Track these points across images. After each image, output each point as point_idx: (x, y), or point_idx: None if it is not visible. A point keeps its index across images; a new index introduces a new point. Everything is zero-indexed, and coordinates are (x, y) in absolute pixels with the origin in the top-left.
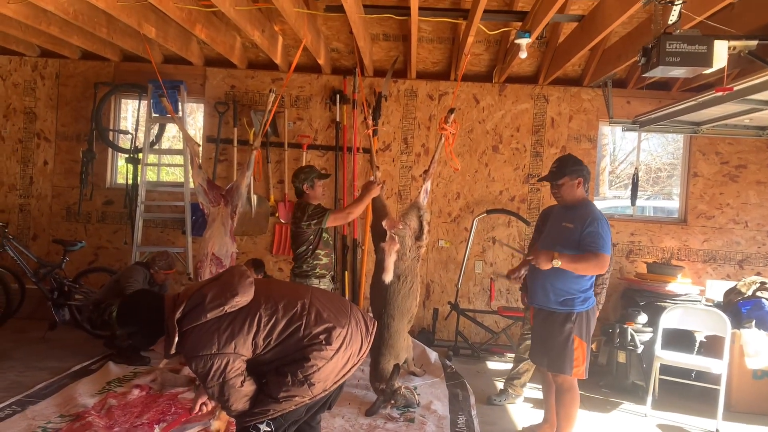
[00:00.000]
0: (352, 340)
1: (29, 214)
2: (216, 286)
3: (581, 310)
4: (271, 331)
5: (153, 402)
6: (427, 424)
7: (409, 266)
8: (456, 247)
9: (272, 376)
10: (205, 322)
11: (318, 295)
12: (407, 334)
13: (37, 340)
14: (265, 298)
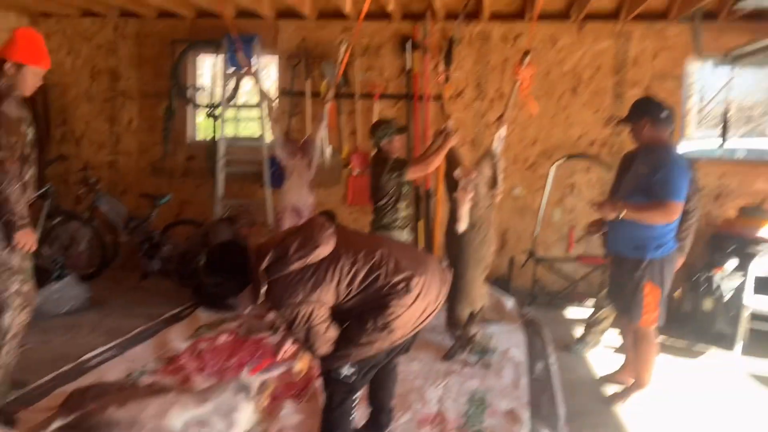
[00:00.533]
0: (429, 288)
1: (118, 170)
2: (298, 239)
3: (655, 256)
4: (353, 280)
5: (240, 346)
6: (504, 370)
7: (484, 215)
8: (532, 195)
9: (354, 322)
10: (289, 272)
11: (395, 245)
12: (483, 283)
13: (132, 288)
14: (345, 248)
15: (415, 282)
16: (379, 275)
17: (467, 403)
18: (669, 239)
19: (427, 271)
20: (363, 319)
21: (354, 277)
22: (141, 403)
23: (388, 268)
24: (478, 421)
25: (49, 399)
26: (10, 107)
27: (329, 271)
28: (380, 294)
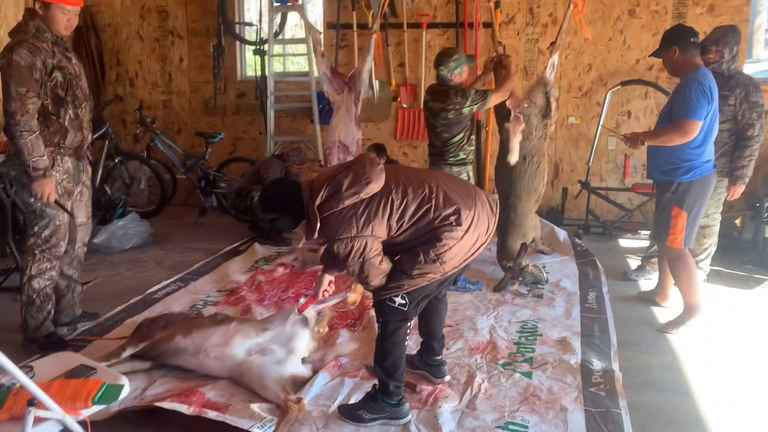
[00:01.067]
0: (479, 220)
1: (172, 109)
2: (350, 174)
3: (684, 180)
4: (403, 213)
5: (296, 278)
6: (556, 300)
7: (536, 145)
8: (587, 123)
9: (406, 255)
10: (342, 208)
11: (443, 178)
12: (535, 214)
13: (191, 224)
14: (395, 182)
15: (465, 215)
16: (430, 208)
17: (518, 332)
18: (701, 163)
19: (477, 204)
20: (415, 251)
21: (405, 210)
22: (205, 333)
23: (437, 202)
24: (529, 349)
25: (120, 329)
26: (21, 55)
27: (381, 206)
28: (431, 227)
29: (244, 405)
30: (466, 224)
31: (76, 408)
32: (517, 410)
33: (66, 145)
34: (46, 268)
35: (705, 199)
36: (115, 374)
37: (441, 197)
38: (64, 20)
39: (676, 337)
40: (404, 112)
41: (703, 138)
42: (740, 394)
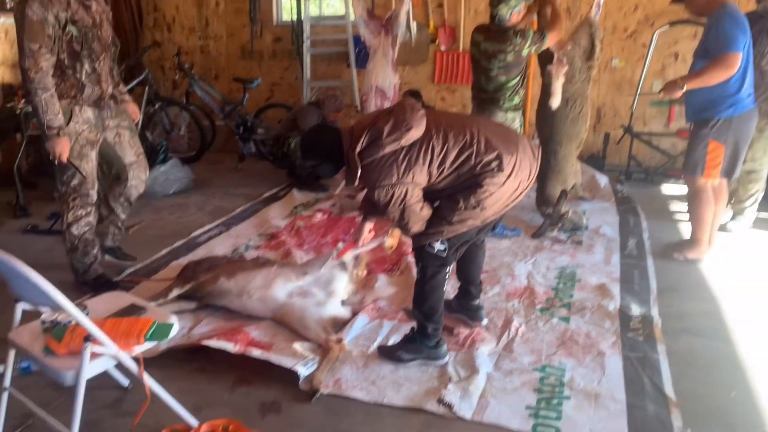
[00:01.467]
0: (521, 166)
1: (209, 55)
2: (390, 121)
3: (724, 116)
4: (444, 159)
5: (334, 224)
6: (595, 247)
7: (579, 89)
8: (632, 66)
9: (446, 201)
10: (383, 155)
11: (485, 124)
12: (575, 160)
13: (231, 170)
14: (436, 128)
15: (507, 160)
16: (471, 154)
17: (557, 278)
18: (741, 99)
19: (518, 150)
20: (455, 198)
21: (446, 156)
22: (248, 275)
23: (479, 147)
24: (568, 294)
25: (166, 271)
26: (33, 9)
27: (421, 153)
28: (473, 173)
29: (287, 344)
30: (507, 170)
31: (129, 344)
32: (555, 354)
33: (84, 98)
34: (81, 215)
35: (746, 135)
36: (165, 313)
37: (482, 143)
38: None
39: (716, 284)
40: (443, 55)
41: (742, 72)
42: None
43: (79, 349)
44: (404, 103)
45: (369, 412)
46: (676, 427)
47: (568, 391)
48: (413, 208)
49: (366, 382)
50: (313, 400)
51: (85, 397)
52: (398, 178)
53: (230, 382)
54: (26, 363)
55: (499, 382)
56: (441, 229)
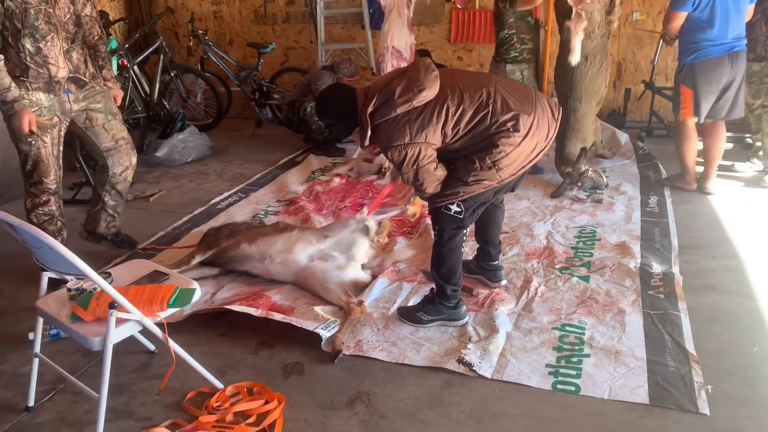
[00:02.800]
0: (539, 126)
1: (222, 20)
2: (403, 81)
3: (686, 61)
4: (459, 119)
5: (352, 188)
6: (616, 205)
7: (598, 44)
8: (653, 19)
9: (461, 162)
10: (396, 115)
11: (502, 83)
12: (595, 117)
13: (248, 136)
14: (451, 88)
15: (524, 120)
16: (486, 114)
17: (576, 237)
18: (704, 47)
19: (536, 109)
20: (471, 158)
21: (461, 117)
22: (269, 240)
23: (495, 107)
24: (587, 254)
25: (188, 238)
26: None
27: (435, 113)
28: (488, 133)
29: (309, 308)
30: (524, 130)
31: (152, 310)
32: (574, 312)
33: (30, 80)
34: (38, 203)
35: (707, 80)
36: (187, 279)
37: (499, 102)
38: None
39: (739, 239)
40: (458, 13)
41: (706, 23)
42: None
43: (105, 315)
44: (418, 64)
45: (390, 372)
46: (696, 382)
47: (588, 349)
48: (427, 168)
49: (387, 343)
50: (336, 360)
51: (112, 361)
52: (411, 138)
53: (253, 346)
54: (55, 330)
55: (519, 341)
56: (457, 190)
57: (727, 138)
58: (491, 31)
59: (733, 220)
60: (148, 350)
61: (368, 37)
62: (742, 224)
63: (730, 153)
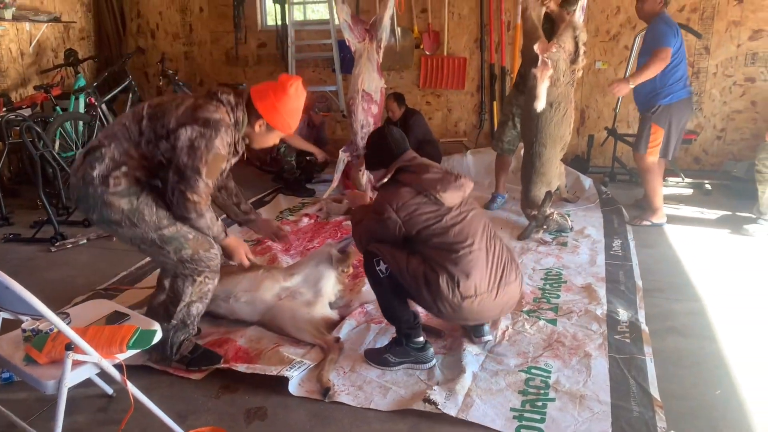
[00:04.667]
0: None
1: (194, 61)
2: (439, 173)
3: (662, 102)
4: (437, 234)
5: (321, 228)
6: (580, 248)
7: (563, 92)
8: (615, 69)
9: (408, 249)
10: (408, 185)
11: (494, 245)
12: (560, 162)
13: None
14: (461, 211)
15: (473, 289)
16: (456, 258)
17: (543, 279)
18: (677, 89)
19: (497, 288)
20: (413, 260)
21: (439, 233)
22: (235, 278)
23: (464, 259)
24: (554, 295)
25: (151, 278)
26: (224, 140)
27: (432, 213)
28: (437, 261)
29: (274, 350)
30: (466, 294)
31: (111, 352)
32: (541, 355)
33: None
34: (208, 291)
35: (680, 120)
36: (148, 320)
37: (470, 257)
38: None
39: (702, 283)
40: (427, 59)
41: (677, 66)
42: (764, 338)
43: (61, 357)
44: (459, 174)
45: (356, 416)
46: (660, 428)
47: (553, 393)
48: (379, 229)
49: (353, 387)
50: (326, 399)
51: (68, 406)
52: (395, 209)
53: (215, 389)
54: (8, 373)
55: (485, 383)
56: (389, 257)
57: (687, 184)
58: (459, 77)
59: (694, 263)
60: (106, 394)
61: (339, 80)
62: (702, 267)
63: (691, 198)
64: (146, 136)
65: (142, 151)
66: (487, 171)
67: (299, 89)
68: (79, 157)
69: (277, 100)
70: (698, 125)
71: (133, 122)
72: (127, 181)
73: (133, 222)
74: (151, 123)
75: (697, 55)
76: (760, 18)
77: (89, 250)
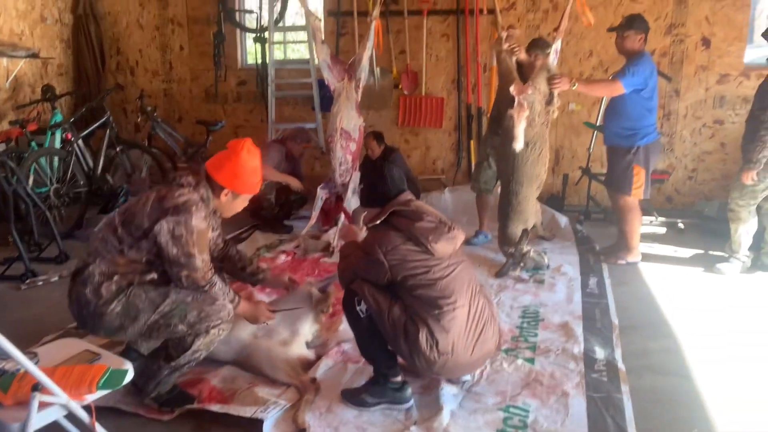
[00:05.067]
0: (454, 364)
1: (173, 98)
2: (433, 222)
3: (640, 144)
4: (422, 285)
5: (298, 266)
6: (557, 286)
7: (538, 132)
8: (588, 110)
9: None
10: (400, 230)
11: (476, 307)
12: (536, 200)
13: None
14: (449, 264)
15: (445, 346)
16: (437, 314)
17: (520, 317)
18: (652, 131)
19: (472, 348)
20: (395, 305)
21: (425, 286)
22: None
23: (445, 316)
24: (532, 334)
25: None
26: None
27: (420, 263)
28: (419, 314)
29: (249, 390)
30: (443, 348)
31: (80, 393)
32: (519, 394)
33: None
34: (215, 339)
35: (654, 160)
36: (120, 359)
37: (453, 314)
38: None
39: (676, 321)
40: (405, 99)
41: (652, 109)
42: (739, 376)
43: (27, 398)
44: (453, 225)
45: None
46: None
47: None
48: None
49: (329, 428)
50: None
51: None
52: (384, 254)
53: (188, 430)
54: None
55: (463, 420)
56: (371, 299)
57: (661, 223)
58: (437, 116)
59: (669, 301)
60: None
61: (318, 117)
62: (677, 305)
63: (664, 237)
64: (126, 242)
65: (128, 257)
66: (465, 208)
67: (251, 149)
68: (69, 281)
69: (233, 166)
70: (670, 165)
71: (110, 234)
72: (118, 287)
73: (133, 317)
74: (125, 229)
75: (668, 98)
76: (726, 63)
77: (61, 287)
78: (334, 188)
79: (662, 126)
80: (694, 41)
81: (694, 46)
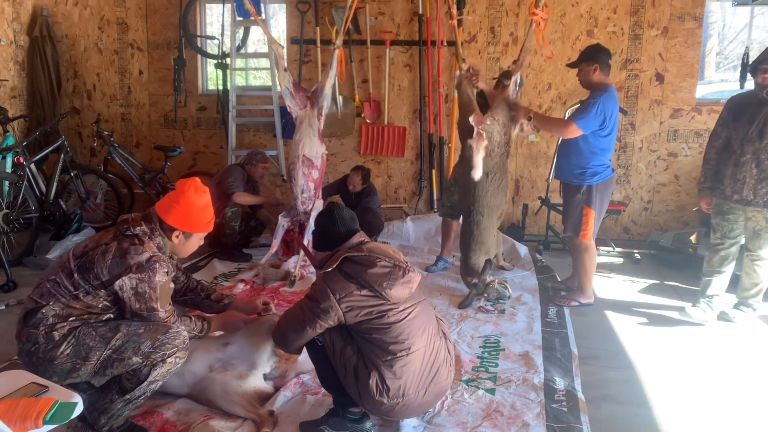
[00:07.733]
0: (405, 407)
1: (131, 122)
2: (387, 267)
3: (591, 183)
4: (376, 329)
5: (257, 295)
6: (517, 315)
7: (497, 163)
8: (547, 142)
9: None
10: (354, 276)
11: (431, 351)
12: (497, 230)
13: None
14: (405, 307)
15: (400, 391)
16: (392, 359)
17: (481, 347)
18: (604, 169)
19: (424, 391)
20: (347, 349)
21: (381, 330)
22: None
23: (396, 361)
24: (493, 364)
25: None
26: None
27: (375, 310)
28: (369, 356)
29: (204, 423)
30: (392, 393)
31: (26, 428)
32: (480, 426)
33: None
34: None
35: (606, 200)
36: (68, 392)
37: (405, 359)
38: None
39: (634, 351)
40: (368, 127)
41: (606, 148)
42: (696, 405)
43: None
44: (409, 270)
45: None
46: None
47: None
48: (310, 323)
49: None
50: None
51: None
52: (338, 300)
53: None
54: None
55: None
56: (326, 333)
57: (618, 253)
58: (399, 146)
59: (627, 331)
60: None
61: (280, 144)
62: (634, 335)
63: (621, 267)
64: (82, 288)
65: (84, 302)
66: (426, 237)
67: (198, 187)
68: (18, 323)
69: (182, 207)
70: (626, 197)
71: (64, 277)
72: (70, 328)
73: (84, 357)
74: (82, 275)
75: (624, 131)
76: (679, 98)
77: (7, 317)
78: (296, 216)
79: (618, 158)
80: (648, 76)
81: (649, 81)
